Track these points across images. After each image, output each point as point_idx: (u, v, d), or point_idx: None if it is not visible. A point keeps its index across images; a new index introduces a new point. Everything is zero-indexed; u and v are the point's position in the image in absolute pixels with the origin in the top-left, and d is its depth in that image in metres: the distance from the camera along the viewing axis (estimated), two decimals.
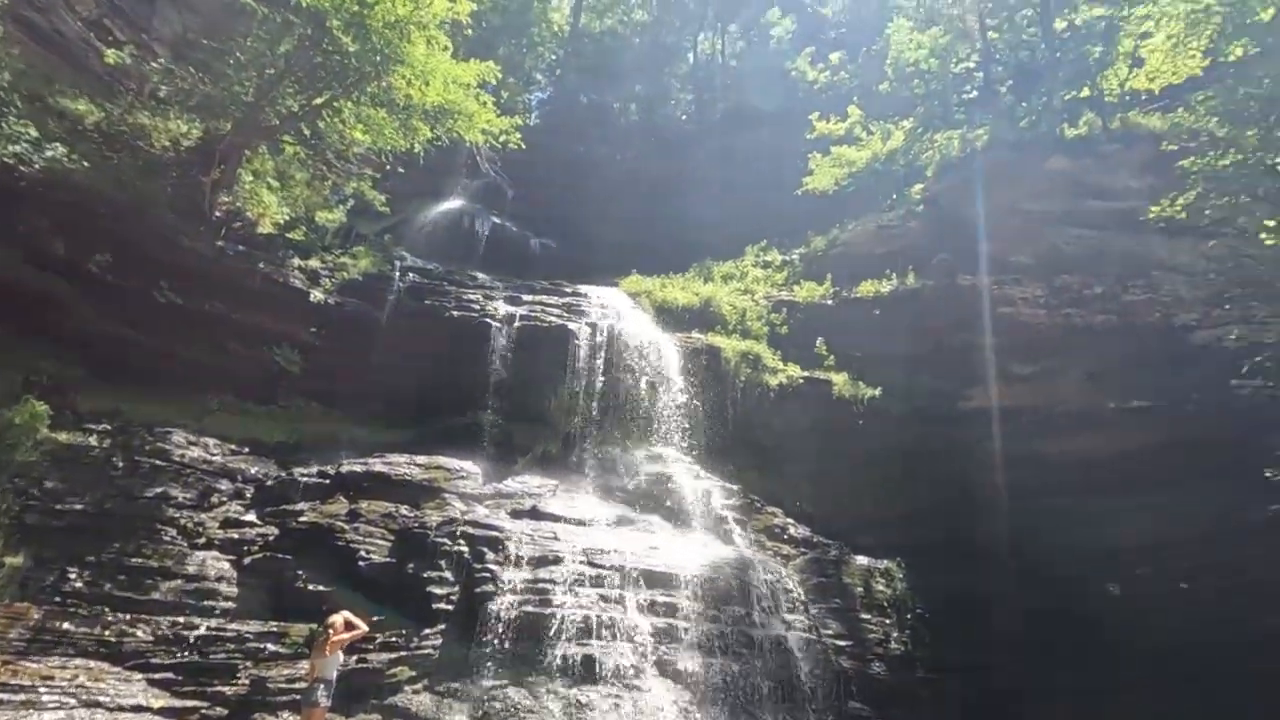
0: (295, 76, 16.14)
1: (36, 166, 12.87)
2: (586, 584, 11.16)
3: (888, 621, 12.55)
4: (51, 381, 12.46)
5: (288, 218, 17.60)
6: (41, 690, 8.29)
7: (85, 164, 13.53)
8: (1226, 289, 15.02)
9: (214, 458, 12.53)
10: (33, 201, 12.95)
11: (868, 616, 12.57)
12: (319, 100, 16.44)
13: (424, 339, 16.35)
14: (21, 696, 8.15)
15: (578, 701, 9.73)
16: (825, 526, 14.78)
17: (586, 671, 10.12)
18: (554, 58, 36.76)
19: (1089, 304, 17.25)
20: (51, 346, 13.32)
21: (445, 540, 11.41)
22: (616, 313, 17.26)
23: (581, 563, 11.48)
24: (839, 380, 17.08)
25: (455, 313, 16.24)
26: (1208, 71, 16.20)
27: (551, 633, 10.41)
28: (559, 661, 10.09)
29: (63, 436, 11.33)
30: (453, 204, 27.98)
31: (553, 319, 16.08)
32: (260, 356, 15.32)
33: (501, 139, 18.74)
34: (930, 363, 17.53)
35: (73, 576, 9.82)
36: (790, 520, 14.43)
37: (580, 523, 12.59)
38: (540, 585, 10.93)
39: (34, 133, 13.11)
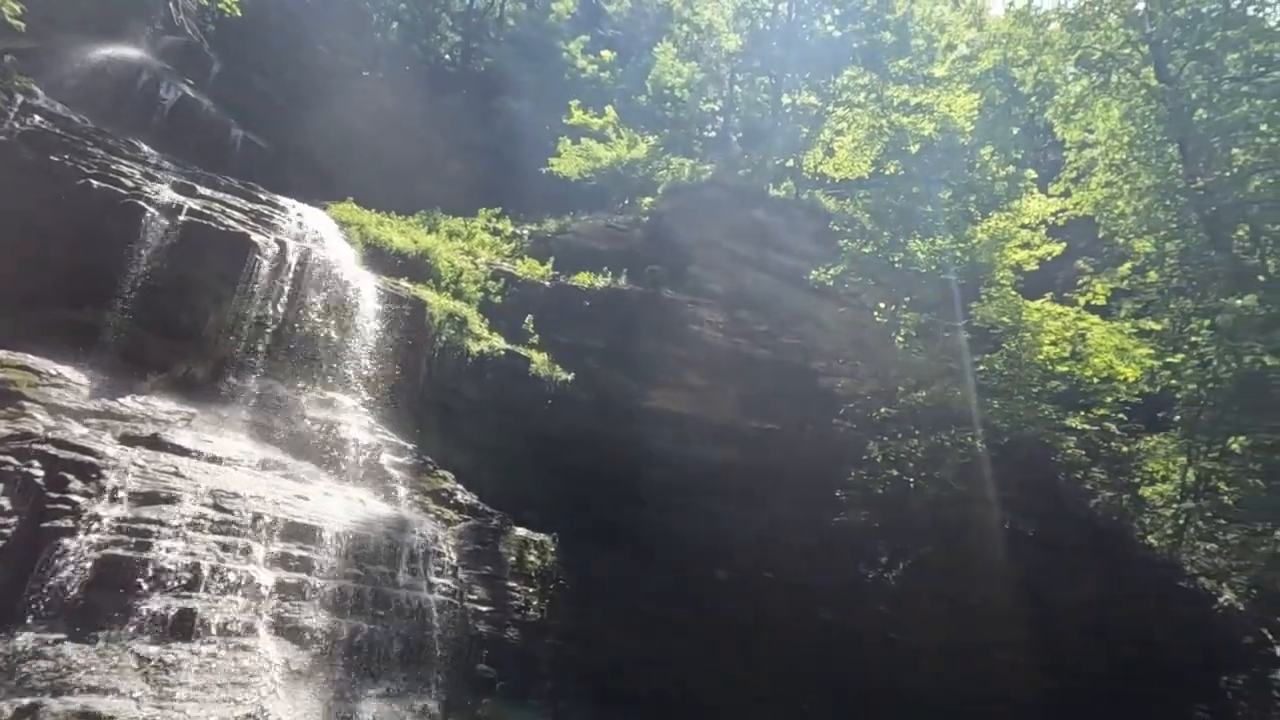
0: None
1: None
2: (206, 530, 9.72)
3: (531, 591, 13.17)
4: None
5: None
6: None
7: None
8: (846, 348, 18.92)
9: None
10: None
11: (514, 585, 13.04)
12: None
13: (42, 204, 12.69)
14: None
15: (162, 661, 8.39)
16: (495, 497, 14.93)
17: (182, 627, 8.79)
18: None
19: (755, 338, 20.30)
20: None
21: (10, 459, 8.97)
22: (318, 236, 15.39)
23: (206, 505, 9.98)
24: (539, 359, 17.51)
25: (95, 182, 12.87)
26: (872, 176, 20.29)
27: (144, 582, 8.84)
28: (146, 615, 8.61)
29: None
30: (130, 53, 22.26)
31: (233, 223, 13.69)
32: None
33: None
34: (624, 361, 18.94)
35: None
36: (460, 487, 14.33)
37: (215, 460, 10.92)
38: (141, 526, 9.22)
39: None
